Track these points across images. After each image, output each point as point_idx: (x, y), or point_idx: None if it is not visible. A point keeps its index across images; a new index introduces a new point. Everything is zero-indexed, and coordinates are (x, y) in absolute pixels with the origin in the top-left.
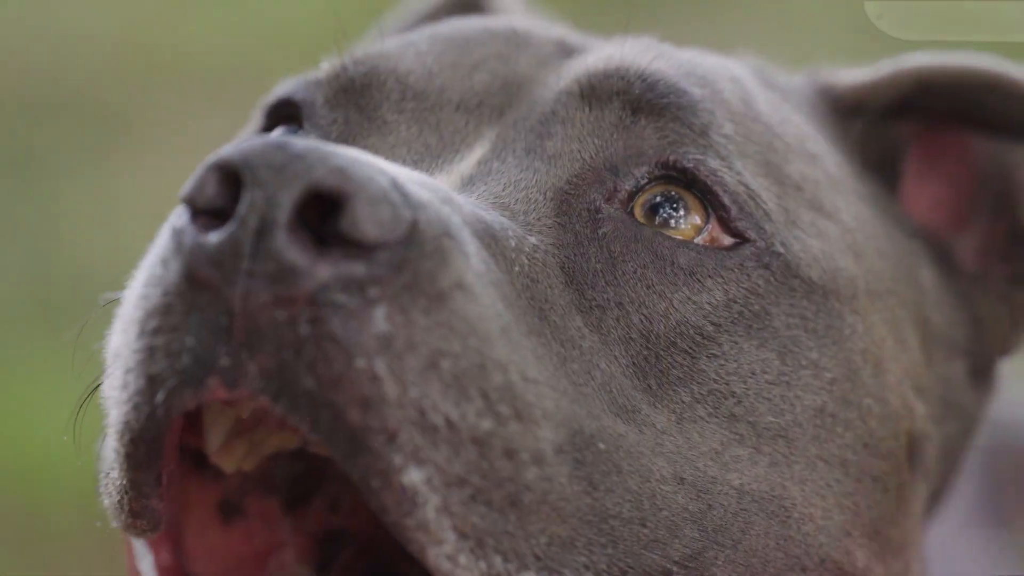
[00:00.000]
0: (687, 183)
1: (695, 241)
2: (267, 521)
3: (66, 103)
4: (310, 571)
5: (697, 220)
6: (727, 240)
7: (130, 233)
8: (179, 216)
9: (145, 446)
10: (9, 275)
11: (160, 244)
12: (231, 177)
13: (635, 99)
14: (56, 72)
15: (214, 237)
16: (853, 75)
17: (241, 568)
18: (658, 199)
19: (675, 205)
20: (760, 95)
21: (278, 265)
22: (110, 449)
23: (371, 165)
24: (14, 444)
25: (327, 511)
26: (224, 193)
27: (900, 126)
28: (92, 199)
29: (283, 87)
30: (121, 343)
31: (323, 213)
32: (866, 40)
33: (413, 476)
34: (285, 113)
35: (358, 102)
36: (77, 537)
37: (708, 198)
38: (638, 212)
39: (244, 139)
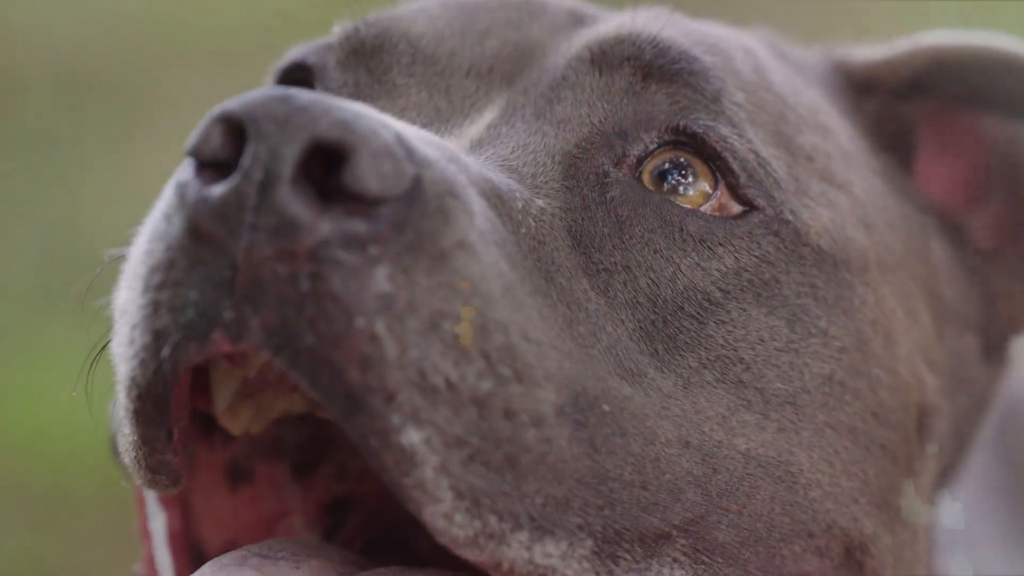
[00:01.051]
0: (696, 148)
1: (703, 208)
2: (275, 487)
3: (87, 84)
4: (317, 538)
5: (705, 187)
6: (736, 208)
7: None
8: (183, 171)
9: (152, 402)
10: (30, 255)
11: (164, 199)
12: (235, 129)
13: (646, 64)
14: (77, 53)
15: (217, 190)
16: (868, 52)
17: (248, 534)
18: (666, 165)
19: (683, 172)
20: (773, 66)
21: (281, 218)
22: (120, 406)
23: (376, 119)
24: (35, 423)
25: (334, 478)
26: (228, 145)
27: (915, 104)
28: (113, 179)
29: (295, 51)
30: (127, 299)
31: (328, 167)
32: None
33: (412, 436)
34: (296, 77)
35: (368, 65)
36: (97, 513)
37: (717, 164)
38: (646, 178)
39: (249, 91)
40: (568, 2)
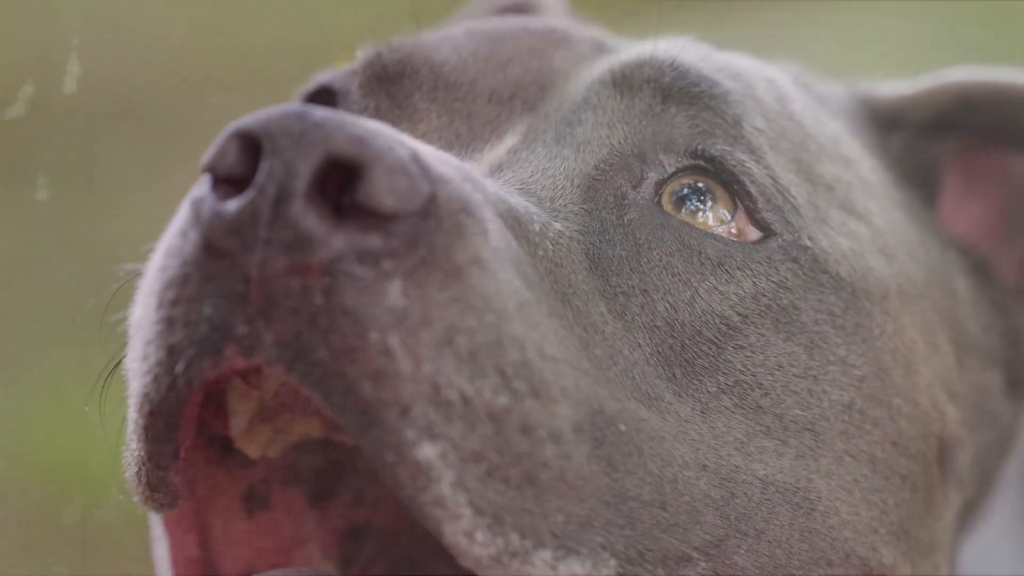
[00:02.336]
0: (715, 172)
1: (721, 232)
2: (292, 514)
3: (126, 111)
4: (333, 566)
5: (724, 213)
6: (754, 234)
7: None
8: (199, 187)
9: (163, 418)
10: (68, 282)
11: (180, 215)
12: (251, 145)
13: (666, 87)
14: (116, 80)
15: (232, 205)
16: (893, 88)
17: (264, 561)
18: (685, 191)
19: (702, 197)
20: (795, 96)
21: (295, 233)
22: (130, 421)
23: (391, 136)
24: (72, 450)
25: (352, 505)
26: (244, 161)
27: (941, 142)
28: (151, 206)
29: (322, 76)
30: (141, 315)
31: (343, 183)
32: (929, 50)
33: (427, 451)
34: (321, 101)
35: (389, 90)
36: (131, 543)
37: (735, 188)
38: (665, 201)
39: (266, 108)
40: (593, 33)
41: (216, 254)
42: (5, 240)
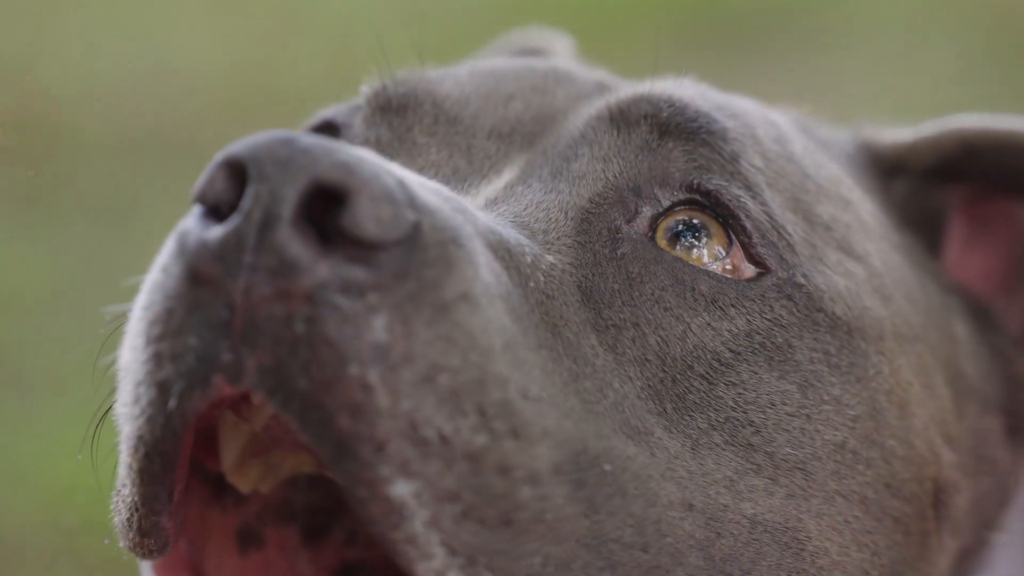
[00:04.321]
0: (711, 207)
1: (714, 268)
2: (285, 552)
3: (161, 144)
4: None
5: (719, 249)
6: (749, 271)
7: None
8: (185, 220)
9: (160, 459)
10: (101, 317)
11: (163, 252)
12: (238, 172)
13: (663, 122)
14: (151, 113)
15: (217, 231)
16: (896, 134)
17: None
18: (680, 227)
19: (697, 233)
20: (795, 138)
21: (279, 259)
22: (122, 465)
23: (378, 164)
24: (96, 489)
25: (345, 543)
26: (232, 188)
27: (944, 189)
28: None
29: (327, 110)
30: (129, 357)
31: (329, 210)
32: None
33: (401, 489)
34: (324, 135)
35: (392, 123)
36: None
37: (730, 223)
38: (660, 237)
39: (254, 134)
40: (597, 74)
41: (200, 281)
42: (40, 272)
